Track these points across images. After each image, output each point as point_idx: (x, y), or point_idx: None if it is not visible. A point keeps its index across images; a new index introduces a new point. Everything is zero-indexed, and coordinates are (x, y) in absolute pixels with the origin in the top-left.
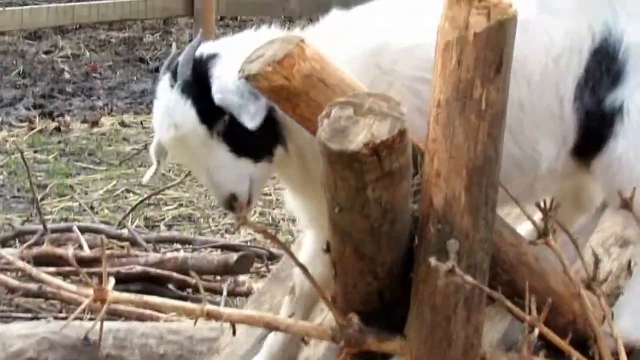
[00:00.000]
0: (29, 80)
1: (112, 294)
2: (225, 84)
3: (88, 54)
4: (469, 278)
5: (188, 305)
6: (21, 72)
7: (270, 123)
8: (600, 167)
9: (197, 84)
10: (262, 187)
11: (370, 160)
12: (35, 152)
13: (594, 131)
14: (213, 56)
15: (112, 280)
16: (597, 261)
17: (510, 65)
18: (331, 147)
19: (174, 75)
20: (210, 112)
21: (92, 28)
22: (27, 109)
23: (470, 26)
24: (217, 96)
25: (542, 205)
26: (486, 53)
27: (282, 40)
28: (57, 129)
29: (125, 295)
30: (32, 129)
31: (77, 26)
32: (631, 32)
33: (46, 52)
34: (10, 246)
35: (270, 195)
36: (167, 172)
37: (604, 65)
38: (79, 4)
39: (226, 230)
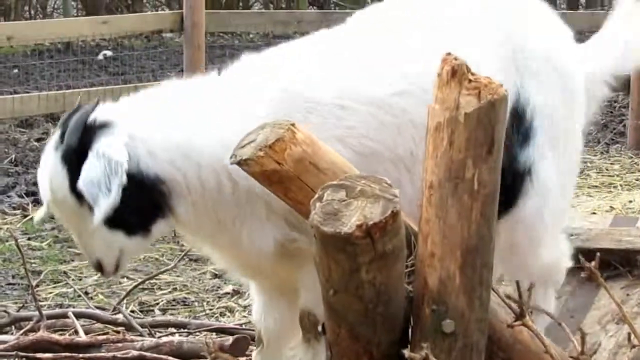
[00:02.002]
0: (21, 168)
1: None
2: (88, 173)
3: None
4: None
5: None
6: (13, 160)
7: (152, 198)
8: (507, 222)
9: (78, 154)
10: (139, 254)
11: (364, 242)
12: (29, 239)
13: (507, 188)
14: (104, 125)
15: None
16: (583, 335)
17: (502, 144)
18: (324, 230)
19: (62, 137)
20: None
21: None
22: (20, 196)
23: (461, 107)
24: (79, 183)
25: (517, 287)
26: (477, 133)
27: (273, 124)
28: (51, 217)
29: None
30: (26, 216)
31: None
32: (535, 93)
33: (38, 140)
34: (6, 333)
35: None
36: (161, 256)
37: (514, 126)
38: (69, 91)
39: (221, 314)
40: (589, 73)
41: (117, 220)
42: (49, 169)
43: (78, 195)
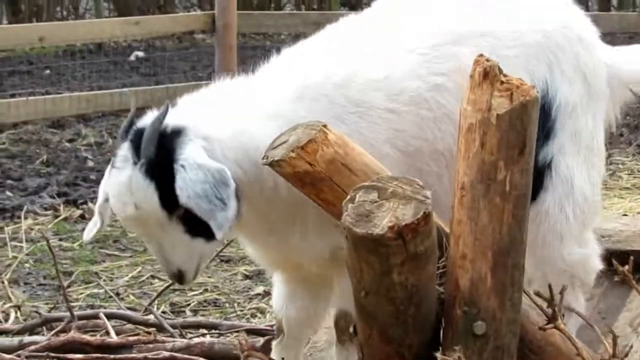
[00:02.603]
0: (52, 169)
1: None
2: (191, 186)
3: (110, 141)
4: None
5: None
6: (45, 160)
7: None
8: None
9: (161, 166)
10: (210, 258)
11: (395, 243)
12: (61, 239)
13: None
14: (178, 132)
15: None
16: (614, 337)
17: (534, 146)
18: (356, 231)
19: (136, 150)
20: (172, 198)
21: (114, 116)
22: (52, 197)
23: (493, 108)
24: (183, 198)
25: (549, 290)
26: (509, 135)
27: (305, 125)
28: (82, 217)
29: None
30: (57, 216)
31: (100, 114)
32: (563, 91)
33: (69, 141)
34: (37, 333)
35: None
36: None
37: (540, 121)
38: (101, 92)
39: (252, 315)
40: (616, 74)
41: (198, 227)
42: (131, 185)
43: (168, 210)
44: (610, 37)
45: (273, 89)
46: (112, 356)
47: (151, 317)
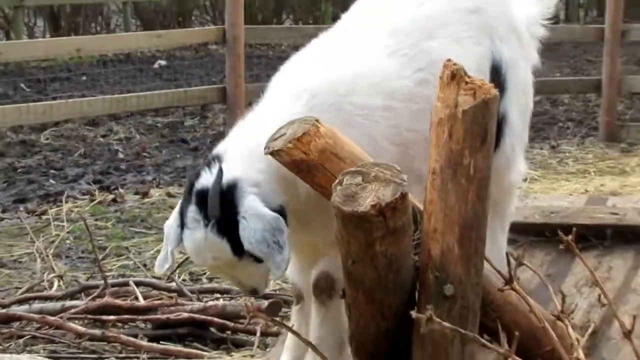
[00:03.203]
0: (89, 160)
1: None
2: (252, 234)
3: (138, 136)
4: (445, 323)
5: None
6: (82, 153)
7: (285, 224)
8: (496, 159)
9: (227, 222)
10: None
11: (377, 220)
12: (96, 220)
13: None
14: (234, 187)
15: None
16: (563, 296)
17: (494, 136)
18: (344, 209)
19: (204, 211)
20: (241, 245)
21: (141, 115)
22: (88, 184)
23: (459, 105)
24: (246, 245)
25: (506, 257)
26: (473, 127)
27: (301, 120)
28: (114, 200)
29: None
30: (93, 200)
31: (129, 114)
32: (505, 52)
33: (103, 136)
34: (77, 299)
35: None
36: None
37: (496, 80)
38: (129, 95)
39: None
40: (530, 17)
41: None
42: (207, 243)
43: (240, 255)
44: (559, 46)
45: (284, 110)
46: (140, 317)
47: (173, 284)
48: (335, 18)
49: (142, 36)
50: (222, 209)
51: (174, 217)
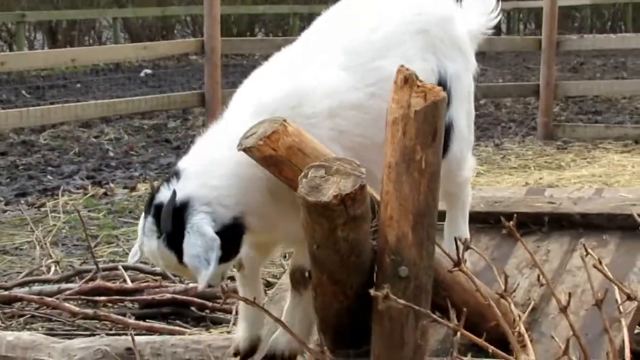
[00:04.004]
0: (82, 158)
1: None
2: (190, 249)
3: (127, 137)
4: (400, 300)
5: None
6: (77, 152)
7: (238, 232)
8: (448, 163)
9: (177, 236)
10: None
11: (339, 208)
12: (89, 211)
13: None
14: (186, 205)
15: None
16: (506, 277)
17: (442, 133)
18: (309, 199)
19: (158, 224)
20: None
21: (129, 118)
22: (82, 179)
23: (412, 106)
24: (184, 257)
25: (455, 242)
26: (424, 126)
27: (270, 120)
28: (105, 194)
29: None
30: (86, 194)
31: (118, 117)
32: (449, 67)
33: (95, 137)
34: (71, 282)
35: None
36: None
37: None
38: (118, 100)
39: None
40: (470, 31)
41: (222, 257)
42: (159, 252)
43: (185, 264)
44: (502, 55)
45: (244, 126)
46: (128, 298)
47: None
48: (302, 30)
49: (130, 48)
50: (173, 224)
51: (142, 218)
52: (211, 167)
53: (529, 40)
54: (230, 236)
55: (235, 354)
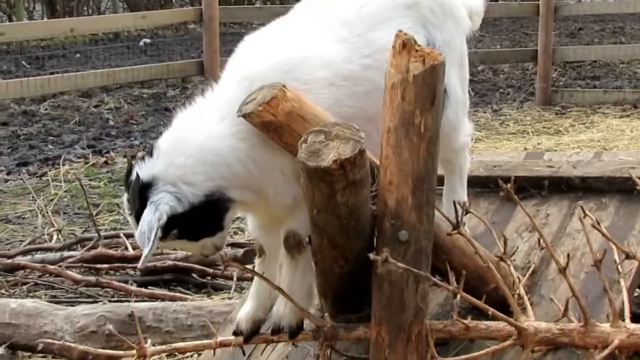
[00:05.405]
0: (83, 128)
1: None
2: (141, 224)
3: (126, 106)
4: (400, 264)
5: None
6: (77, 121)
7: (214, 207)
8: (442, 126)
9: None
10: (225, 238)
11: (338, 173)
12: (90, 180)
13: None
14: (149, 185)
15: None
16: (505, 240)
17: (442, 98)
18: (309, 164)
19: (130, 202)
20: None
21: (129, 87)
22: (83, 148)
23: (410, 70)
24: (135, 235)
25: (454, 205)
26: (423, 90)
27: (269, 86)
28: (106, 163)
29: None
30: (87, 163)
31: (118, 86)
32: (438, 37)
33: (95, 106)
34: (73, 250)
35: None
36: None
37: None
38: (118, 69)
39: (235, 232)
40: (468, 6)
41: (199, 234)
42: (134, 228)
43: (166, 237)
44: (499, 21)
45: (222, 96)
46: (129, 265)
47: None
48: None
49: (129, 17)
50: (140, 202)
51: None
52: (181, 145)
53: (526, 5)
54: (207, 213)
55: (235, 333)
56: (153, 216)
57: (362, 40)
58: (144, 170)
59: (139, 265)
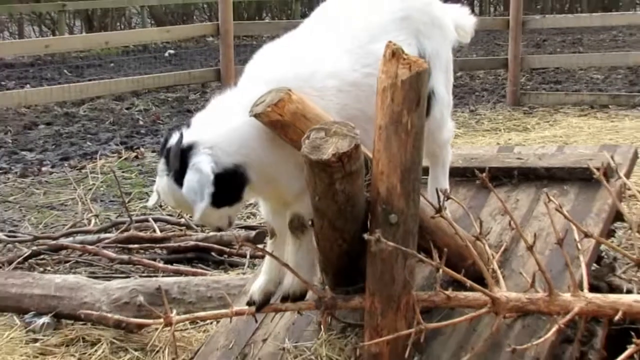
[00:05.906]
0: (117, 127)
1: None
2: (189, 182)
3: (154, 108)
4: (390, 243)
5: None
6: (111, 122)
7: (238, 179)
8: (429, 124)
9: (182, 174)
10: (239, 212)
11: (337, 165)
12: (123, 172)
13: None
14: (191, 147)
15: None
16: (481, 222)
17: (425, 100)
18: (311, 157)
19: (167, 164)
20: None
21: (156, 92)
22: (117, 145)
23: (399, 76)
24: (183, 189)
25: (436, 192)
26: (409, 93)
27: (277, 90)
28: (136, 157)
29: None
30: (120, 157)
31: (146, 91)
32: (428, 46)
33: (127, 108)
34: (109, 232)
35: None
36: None
37: None
38: (146, 76)
39: (247, 217)
40: (457, 24)
41: (222, 202)
42: (168, 189)
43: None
44: (475, 33)
45: (252, 91)
46: (157, 245)
47: (182, 219)
48: (303, 15)
49: (156, 31)
50: (180, 163)
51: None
52: (218, 120)
53: (498, 20)
54: (232, 181)
55: (249, 304)
56: (202, 174)
57: (364, 51)
58: (184, 136)
59: (195, 217)
